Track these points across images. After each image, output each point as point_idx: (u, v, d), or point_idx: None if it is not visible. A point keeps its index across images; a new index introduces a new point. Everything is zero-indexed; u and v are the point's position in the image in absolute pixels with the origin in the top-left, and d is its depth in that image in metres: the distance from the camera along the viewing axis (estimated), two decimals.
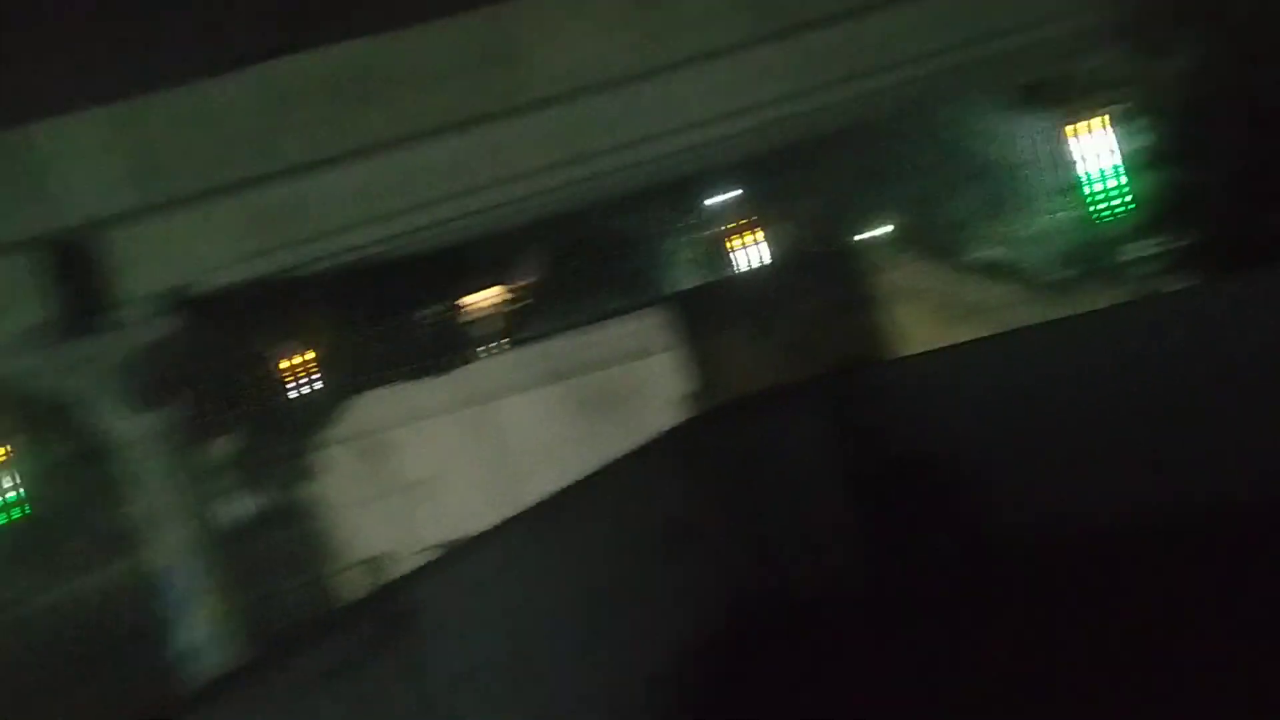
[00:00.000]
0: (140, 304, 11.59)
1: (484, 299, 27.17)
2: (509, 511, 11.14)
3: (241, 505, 21.04)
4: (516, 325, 24.30)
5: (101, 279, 11.52)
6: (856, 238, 20.65)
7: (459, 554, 5.85)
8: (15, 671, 16.61)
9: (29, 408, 21.23)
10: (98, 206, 11.23)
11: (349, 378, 17.68)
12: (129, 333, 11.60)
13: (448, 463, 13.44)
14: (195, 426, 12.99)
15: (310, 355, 25.72)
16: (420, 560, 12.94)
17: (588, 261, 23.52)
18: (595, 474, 6.76)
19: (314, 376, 25.93)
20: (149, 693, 12.69)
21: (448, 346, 22.66)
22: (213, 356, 14.12)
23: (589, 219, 21.18)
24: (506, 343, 20.63)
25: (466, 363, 16.08)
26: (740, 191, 26.28)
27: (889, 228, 20.44)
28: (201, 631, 12.53)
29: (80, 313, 11.49)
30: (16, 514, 28.79)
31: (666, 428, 8.13)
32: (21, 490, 28.96)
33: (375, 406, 13.97)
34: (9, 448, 28.90)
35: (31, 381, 12.16)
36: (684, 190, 23.07)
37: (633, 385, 12.37)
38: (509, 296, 26.51)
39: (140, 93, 11.12)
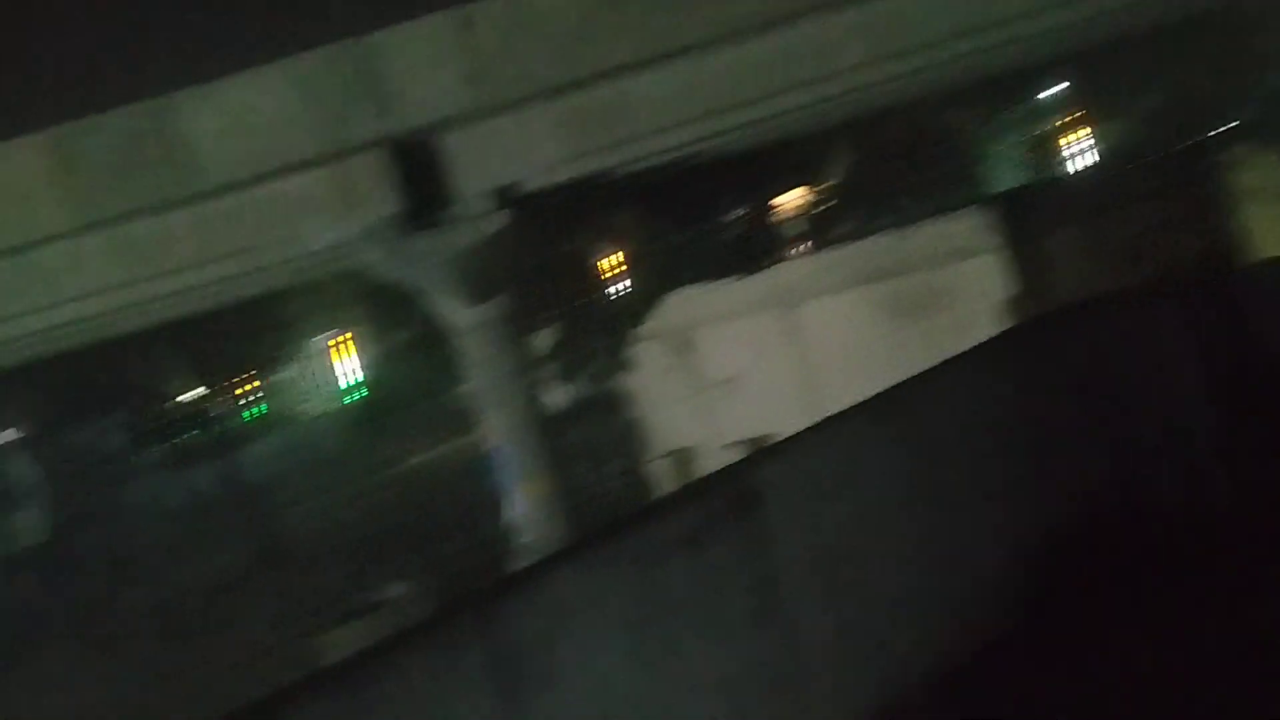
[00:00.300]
0: (473, 201, 12.25)
1: (796, 200, 26.95)
2: (811, 413, 11.10)
3: (560, 394, 22.18)
4: (828, 226, 23.97)
5: (439, 178, 12.25)
6: (1206, 135, 18.87)
7: (802, 440, 5.92)
8: (368, 531, 18.44)
9: (372, 298, 23.14)
10: (436, 109, 11.94)
11: (662, 276, 18.08)
12: (463, 228, 12.31)
13: (753, 362, 13.51)
14: (520, 318, 13.69)
15: (626, 253, 26.53)
16: (724, 456, 13.25)
17: (904, 161, 22.77)
18: (934, 370, 6.63)
19: (629, 274, 26.76)
20: (484, 555, 13.75)
21: (758, 247, 22.68)
22: (538, 252, 14.79)
23: (908, 117, 20.43)
24: (817, 244, 20.41)
25: (776, 263, 16.05)
26: (1073, 86, 24.60)
27: (1243, 123, 18.55)
28: (525, 507, 13.36)
29: (419, 209, 12.30)
30: (359, 395, 31.70)
31: (1003, 329, 7.82)
32: (363, 374, 31.81)
33: (685, 305, 14.20)
34: (352, 335, 31.74)
35: (375, 273, 13.18)
36: (1011, 85, 21.82)
37: (948, 288, 11.92)
38: (821, 197, 26.16)
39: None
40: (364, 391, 30.93)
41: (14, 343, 13.42)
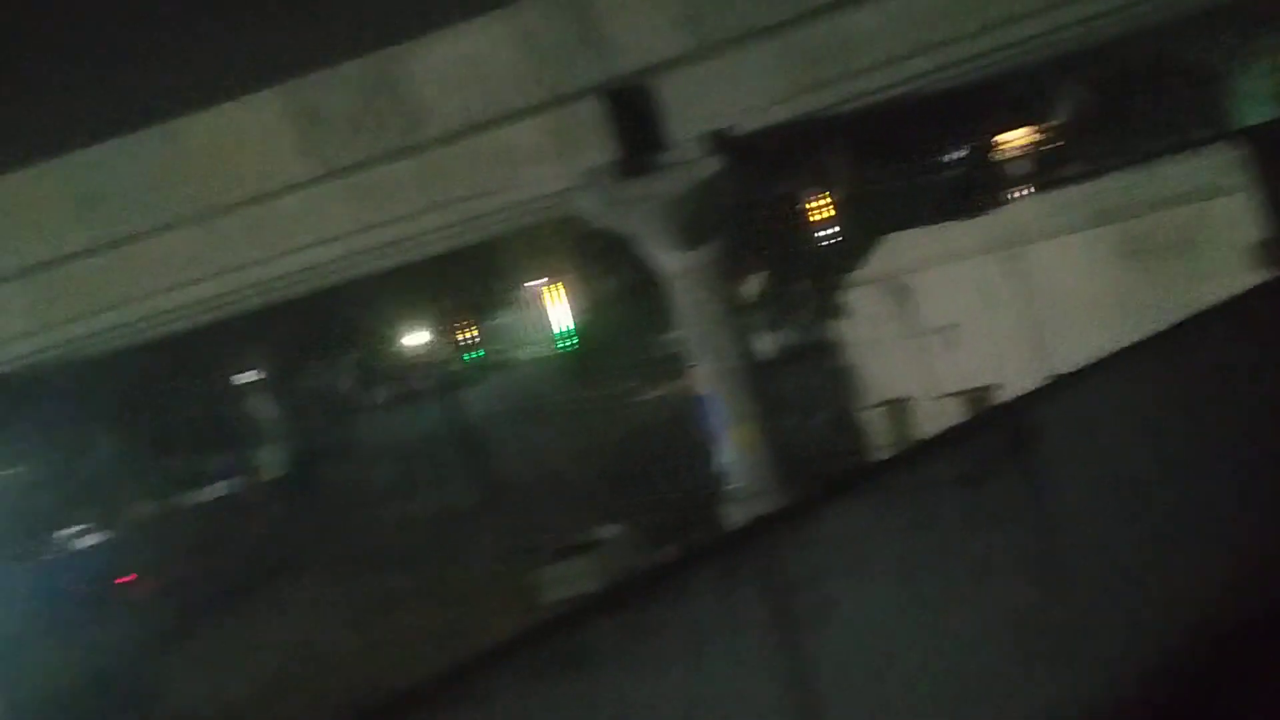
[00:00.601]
0: (687, 145, 12.20)
1: (1023, 137, 25.69)
2: (1038, 362, 10.58)
3: (770, 340, 22.08)
4: (1058, 164, 22.75)
5: (654, 122, 12.25)
6: None
7: (1083, 377, 5.64)
8: (579, 473, 18.90)
9: (585, 244, 23.54)
10: (651, 53, 11.92)
11: (879, 218, 17.61)
12: (677, 173, 12.28)
13: (974, 309, 13.02)
14: (732, 263, 13.61)
15: (842, 195, 26.00)
16: (940, 406, 12.86)
17: (1141, 94, 21.38)
18: (1207, 312, 6.21)
19: (845, 216, 26.23)
20: (693, 499, 13.90)
21: (982, 187, 21.74)
22: (752, 196, 14.62)
23: (1147, 45, 19.12)
24: (1046, 183, 19.38)
25: (1001, 204, 15.38)
26: None
27: None
28: (734, 454, 13.37)
29: (634, 155, 12.33)
30: (570, 340, 32.42)
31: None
32: (574, 320, 32.50)
33: (903, 248, 13.77)
34: (564, 281, 32.43)
35: (590, 220, 13.32)
36: (1261, 8, 20.12)
37: (1191, 230, 11.14)
38: (1051, 134, 24.83)
39: None
40: (575, 337, 31.59)
41: (255, 287, 14.27)
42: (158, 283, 13.41)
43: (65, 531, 25.98)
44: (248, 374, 32.30)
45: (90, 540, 25.45)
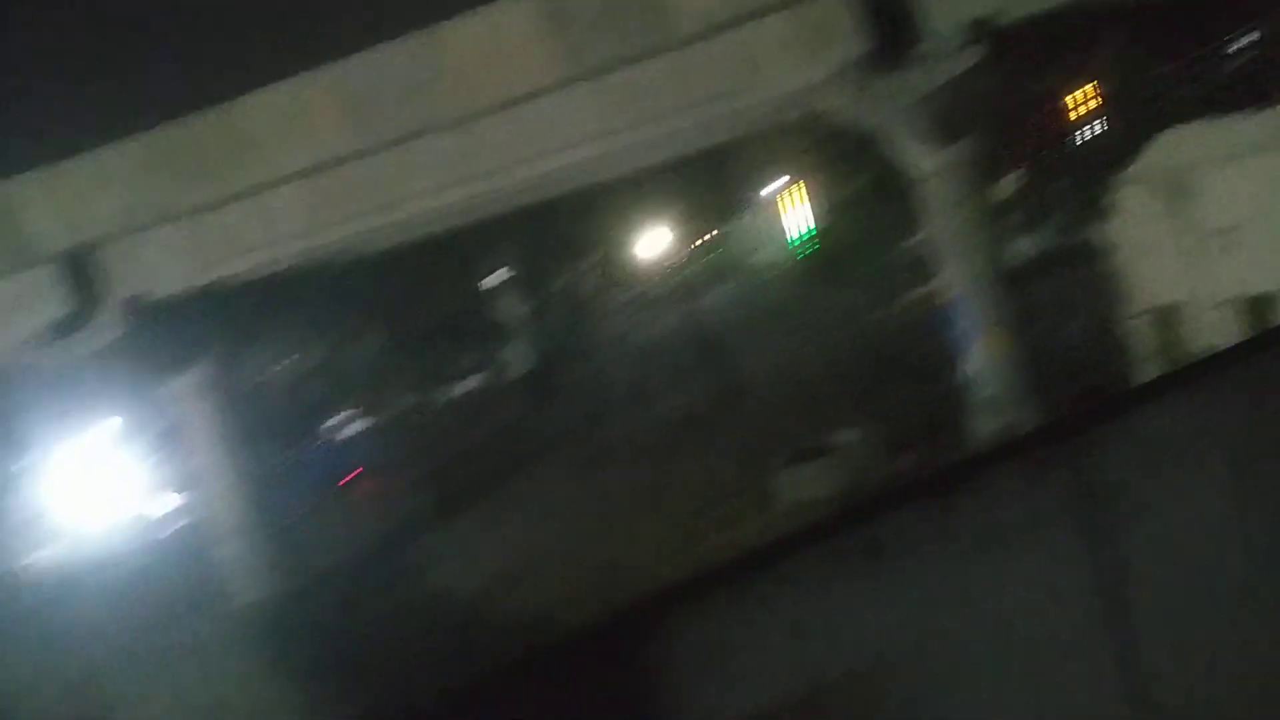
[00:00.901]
0: (944, 37, 11.63)
1: None
2: None
3: (1028, 243, 21.03)
4: None
5: (908, 12, 11.72)
6: None
7: None
8: (820, 378, 18.75)
9: (830, 144, 22.94)
10: None
11: (1153, 112, 16.34)
12: (932, 66, 11.75)
13: (1260, 209, 11.96)
14: (989, 161, 12.97)
15: (1111, 87, 24.23)
16: (1215, 315, 11.93)
17: None
18: None
19: (1114, 110, 24.47)
20: (938, 407, 13.53)
21: (1269, 77, 19.72)
22: (1014, 90, 13.85)
23: None
24: None
25: None
26: None
27: None
28: (983, 362, 12.92)
29: (887, 48, 11.86)
30: (811, 243, 31.93)
31: None
32: (817, 222, 31.93)
33: (1180, 144, 12.74)
34: (806, 183, 31.80)
35: (838, 118, 12.94)
36: None
37: None
38: None
39: None
40: (818, 239, 31.08)
41: (509, 190, 14.65)
42: (417, 186, 13.94)
43: (327, 423, 27.88)
44: (497, 274, 33.49)
45: (349, 431, 27.18)
